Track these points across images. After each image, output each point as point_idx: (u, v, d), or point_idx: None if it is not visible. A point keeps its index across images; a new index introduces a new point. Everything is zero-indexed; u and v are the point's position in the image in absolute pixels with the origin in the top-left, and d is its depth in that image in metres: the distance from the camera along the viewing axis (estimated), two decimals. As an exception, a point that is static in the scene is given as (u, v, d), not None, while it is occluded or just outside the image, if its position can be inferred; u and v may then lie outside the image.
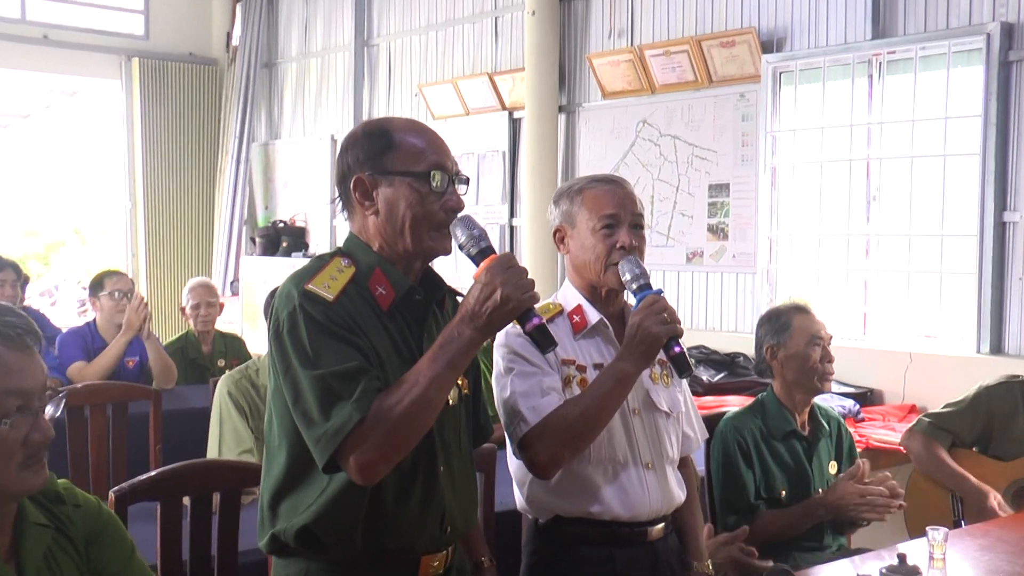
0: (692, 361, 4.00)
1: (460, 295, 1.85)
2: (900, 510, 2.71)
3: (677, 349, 1.93)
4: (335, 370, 1.56)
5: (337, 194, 1.76)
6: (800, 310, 2.82)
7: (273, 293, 3.47)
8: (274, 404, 1.69)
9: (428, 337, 1.74)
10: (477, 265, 1.64)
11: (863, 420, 4.30)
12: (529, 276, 1.61)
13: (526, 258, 5.93)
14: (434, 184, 1.68)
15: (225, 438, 3.16)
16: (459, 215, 1.70)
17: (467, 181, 1.75)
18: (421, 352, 1.70)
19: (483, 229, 1.68)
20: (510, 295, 1.58)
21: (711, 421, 2.84)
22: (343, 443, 1.54)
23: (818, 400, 2.91)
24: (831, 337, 2.81)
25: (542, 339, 1.64)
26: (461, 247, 1.68)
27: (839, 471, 2.80)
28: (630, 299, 2.09)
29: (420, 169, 1.69)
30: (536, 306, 1.62)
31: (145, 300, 4.50)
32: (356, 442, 1.54)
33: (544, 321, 1.64)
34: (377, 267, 1.69)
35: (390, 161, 1.69)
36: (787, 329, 2.78)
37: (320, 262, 1.70)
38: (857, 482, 2.67)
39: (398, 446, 1.57)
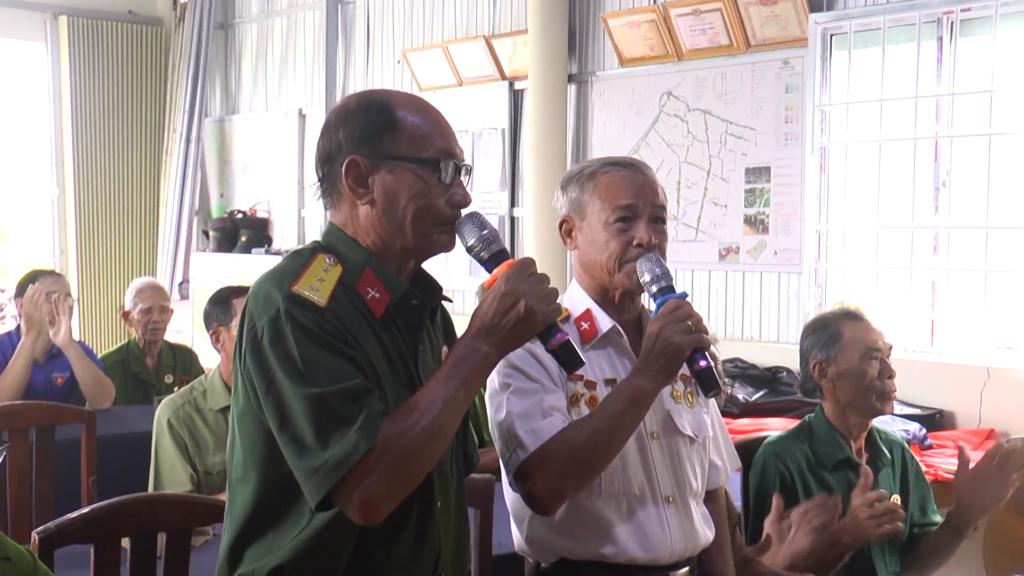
0: (727, 380, 4.00)
1: (448, 300, 1.87)
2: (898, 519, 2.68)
3: (703, 363, 1.95)
4: (334, 389, 1.57)
5: (319, 177, 1.77)
6: (852, 317, 2.83)
7: (218, 300, 3.48)
8: (240, 428, 1.70)
9: (423, 350, 1.76)
10: (489, 271, 1.68)
11: (931, 447, 4.31)
12: (566, 291, 1.64)
13: (529, 255, 5.93)
14: (443, 174, 1.71)
15: (160, 477, 3.22)
16: (465, 212, 1.73)
17: (470, 172, 1.79)
18: (416, 366, 1.73)
19: (495, 229, 1.72)
20: (535, 307, 1.62)
21: (749, 447, 2.86)
22: (346, 477, 1.55)
23: (877, 423, 2.91)
24: (891, 348, 2.82)
25: (567, 358, 1.68)
26: (469, 249, 1.71)
27: (905, 506, 2.81)
28: (649, 303, 2.11)
29: (427, 156, 1.71)
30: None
31: (45, 292, 4.45)
32: (361, 475, 1.55)
33: (568, 337, 1.68)
34: (368, 266, 1.71)
35: (391, 143, 1.71)
36: (837, 340, 2.79)
37: (301, 259, 1.71)
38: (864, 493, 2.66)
39: (407, 480, 1.60)
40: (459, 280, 6.18)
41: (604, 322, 2.15)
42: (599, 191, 2.14)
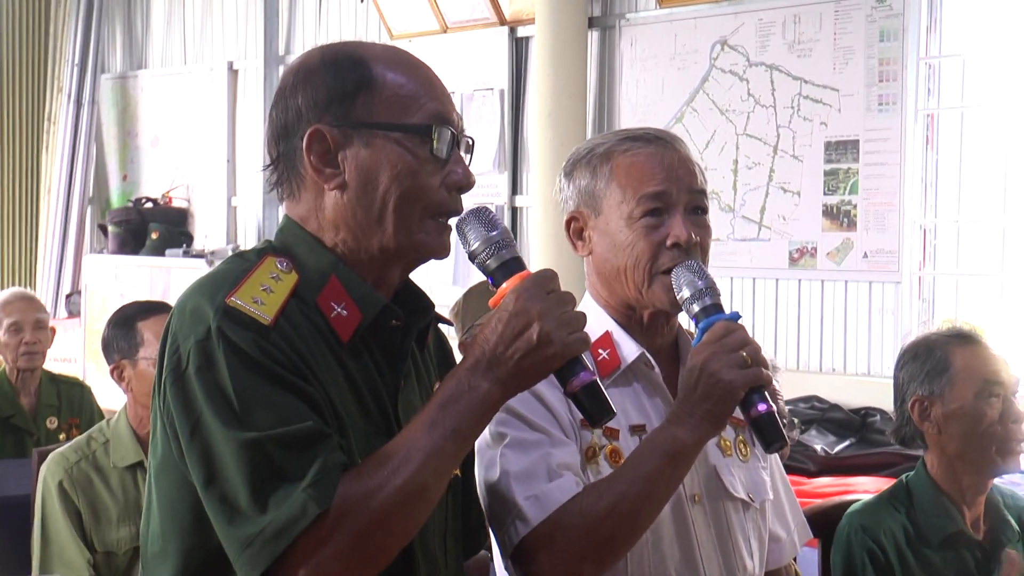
0: (794, 423, 4.00)
1: (447, 322, 1.89)
2: None
3: (762, 407, 1.96)
4: (277, 434, 1.59)
5: (272, 159, 1.80)
6: (965, 340, 2.85)
7: (118, 322, 3.46)
8: (158, 486, 1.72)
9: (406, 386, 1.79)
10: (497, 285, 1.71)
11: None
12: (578, 307, 1.67)
13: (536, 259, 5.95)
14: (435, 145, 1.74)
15: (48, 560, 3.22)
16: (467, 207, 1.76)
17: (471, 148, 1.82)
18: (395, 408, 1.75)
19: (507, 231, 1.75)
20: (552, 334, 1.64)
21: (830, 515, 2.88)
22: (290, 550, 1.57)
23: (1001, 484, 2.93)
24: (1018, 381, 2.83)
25: (593, 406, 1.71)
26: (473, 256, 1.74)
27: None
28: (688, 323, 2.13)
29: (416, 121, 1.75)
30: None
31: None
32: (311, 548, 1.57)
33: (596, 378, 1.70)
34: (333, 274, 1.74)
35: (367, 107, 1.75)
36: (945, 371, 2.81)
37: (244, 264, 1.73)
38: None
39: (373, 557, 1.62)
40: (442, 292, 6.17)
41: (629, 349, 2.16)
42: (618, 176, 2.16)
